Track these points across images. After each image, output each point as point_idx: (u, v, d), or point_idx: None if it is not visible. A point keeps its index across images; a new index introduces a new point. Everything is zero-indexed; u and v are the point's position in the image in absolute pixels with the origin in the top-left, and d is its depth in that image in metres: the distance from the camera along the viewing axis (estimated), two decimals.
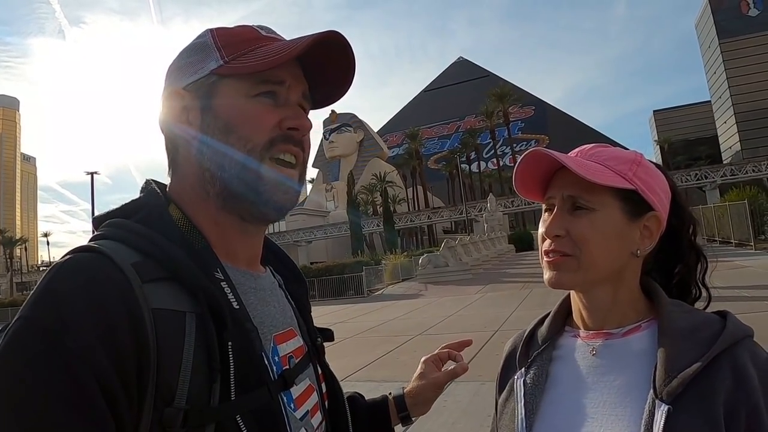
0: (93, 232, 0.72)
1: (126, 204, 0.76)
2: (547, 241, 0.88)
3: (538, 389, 0.89)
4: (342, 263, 26.00)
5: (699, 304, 0.94)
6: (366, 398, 1.13)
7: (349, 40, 0.76)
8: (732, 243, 19.53)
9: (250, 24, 0.80)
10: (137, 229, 0.68)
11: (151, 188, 0.78)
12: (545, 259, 0.88)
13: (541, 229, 0.90)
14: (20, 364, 0.54)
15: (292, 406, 0.73)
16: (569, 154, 0.91)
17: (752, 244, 17.60)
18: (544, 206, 0.92)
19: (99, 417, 0.54)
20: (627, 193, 0.85)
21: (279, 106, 0.76)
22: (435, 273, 21.49)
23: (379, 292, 21.95)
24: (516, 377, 0.94)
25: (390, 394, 1.13)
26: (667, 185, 0.91)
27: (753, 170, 46.30)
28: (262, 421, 0.65)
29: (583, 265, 0.84)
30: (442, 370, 1.14)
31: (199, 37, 0.78)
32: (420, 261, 22.94)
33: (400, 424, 1.10)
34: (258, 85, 0.74)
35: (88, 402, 0.54)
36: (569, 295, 0.97)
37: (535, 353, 0.94)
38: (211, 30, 0.78)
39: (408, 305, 15.06)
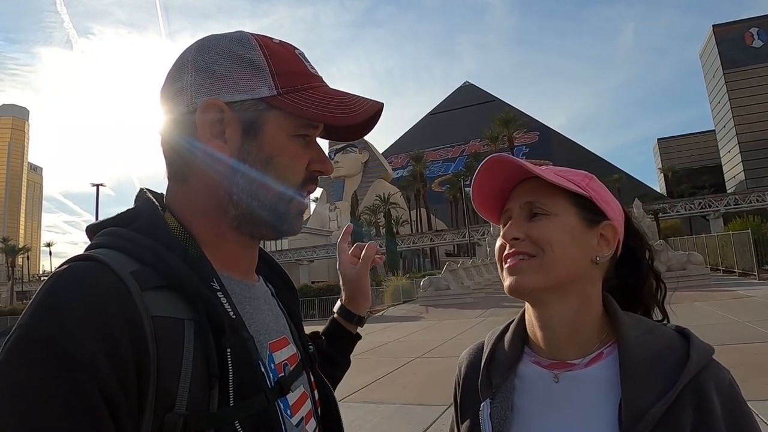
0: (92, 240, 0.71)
1: (121, 213, 0.75)
2: (506, 248, 0.88)
3: (506, 423, 0.87)
4: None
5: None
6: (321, 336, 1.19)
7: (383, 111, 0.80)
8: (735, 272, 19.35)
9: (289, 43, 0.79)
10: (134, 237, 0.68)
11: (146, 197, 0.77)
12: (505, 266, 0.88)
13: (499, 242, 0.91)
14: (22, 371, 0.54)
15: (288, 412, 0.74)
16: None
17: (756, 273, 17.47)
18: (502, 221, 0.93)
19: (100, 423, 0.55)
20: (582, 200, 0.87)
21: (307, 145, 0.77)
22: (436, 296, 21.39)
23: (380, 313, 21.79)
24: (481, 408, 0.92)
25: (334, 313, 1.22)
26: (620, 205, 0.93)
27: (757, 200, 46.32)
28: (260, 426, 0.66)
29: (545, 264, 0.84)
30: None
31: (242, 44, 0.74)
32: (421, 283, 22.86)
33: (359, 328, 1.22)
34: (301, 127, 0.75)
35: (90, 408, 0.54)
36: (525, 313, 0.96)
37: (498, 383, 0.92)
38: (257, 40, 0.75)
39: (408, 327, 14.95)
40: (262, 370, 0.71)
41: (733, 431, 0.73)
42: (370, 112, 0.77)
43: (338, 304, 1.22)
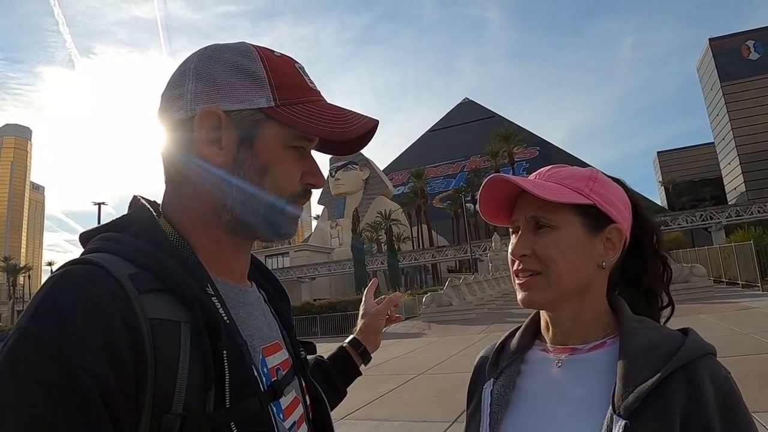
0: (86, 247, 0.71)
1: (115, 219, 0.76)
2: (516, 262, 0.91)
3: (505, 400, 0.91)
4: (345, 300, 25.75)
5: (665, 312, 0.97)
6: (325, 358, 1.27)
7: (378, 128, 0.81)
8: (739, 284, 19.30)
9: (290, 57, 0.80)
10: (131, 242, 0.68)
11: (140, 204, 0.78)
12: (516, 280, 0.91)
13: (509, 251, 0.93)
14: (21, 373, 0.54)
15: (281, 416, 0.75)
16: (529, 176, 0.95)
17: (759, 284, 17.38)
18: (510, 229, 0.96)
19: (100, 424, 0.55)
20: (586, 209, 0.88)
21: (301, 157, 0.79)
22: (438, 312, 21.22)
23: (383, 330, 21.68)
24: (484, 386, 0.96)
25: (344, 343, 1.32)
26: (627, 197, 0.94)
27: (758, 211, 46.15)
28: (255, 429, 0.67)
29: (551, 281, 0.87)
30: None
31: (244, 55, 0.75)
32: (423, 300, 22.66)
33: (362, 365, 1.31)
34: (297, 139, 0.76)
35: (89, 410, 0.54)
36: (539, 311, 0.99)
37: (504, 365, 0.96)
38: (258, 53, 0.76)
39: (411, 344, 14.85)
40: (255, 374, 0.72)
41: (726, 423, 0.73)
42: (365, 129, 0.78)
43: (350, 337, 1.33)
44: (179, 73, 0.76)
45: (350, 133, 0.76)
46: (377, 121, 0.80)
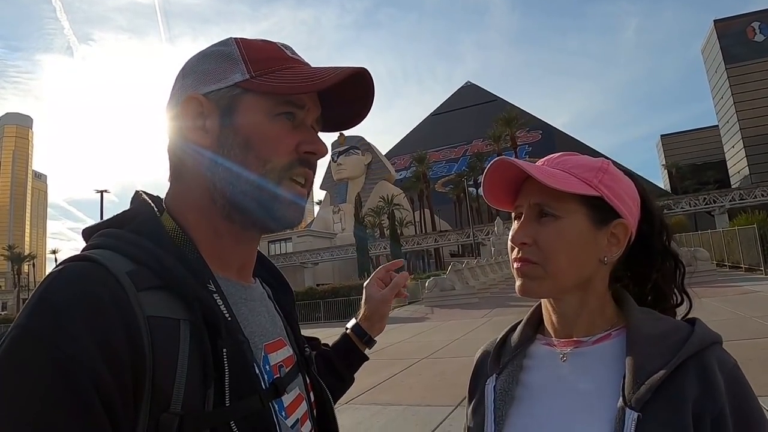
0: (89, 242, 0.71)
1: (117, 215, 0.76)
2: (516, 249, 0.88)
3: (509, 396, 0.89)
4: (348, 285, 25.88)
5: (681, 310, 0.93)
6: (329, 345, 1.23)
7: (373, 78, 0.78)
8: (742, 268, 19.27)
9: (273, 41, 0.80)
10: (130, 238, 0.68)
11: (141, 199, 0.78)
12: (515, 266, 0.89)
13: (509, 238, 0.91)
14: (18, 371, 0.54)
15: (283, 414, 0.74)
16: (537, 162, 0.92)
17: (762, 268, 17.36)
18: (513, 214, 0.93)
19: (98, 423, 0.54)
20: (593, 201, 0.85)
21: (296, 128, 0.77)
22: (441, 296, 21.30)
23: (388, 315, 21.71)
24: (487, 383, 0.94)
25: (347, 329, 1.25)
26: (636, 192, 0.91)
27: (762, 195, 45.99)
28: (255, 427, 0.66)
29: (550, 273, 0.84)
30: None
31: (221, 44, 0.78)
32: (426, 284, 22.74)
33: (367, 349, 1.25)
34: (280, 105, 0.75)
35: (87, 408, 0.54)
36: (541, 303, 0.97)
37: (506, 360, 0.94)
38: (235, 39, 0.78)
39: (414, 328, 14.90)
40: (257, 371, 0.71)
41: (736, 410, 0.73)
42: (339, 78, 0.73)
43: (353, 321, 1.26)
44: (175, 78, 0.80)
45: (321, 84, 0.73)
46: (357, 69, 0.75)
